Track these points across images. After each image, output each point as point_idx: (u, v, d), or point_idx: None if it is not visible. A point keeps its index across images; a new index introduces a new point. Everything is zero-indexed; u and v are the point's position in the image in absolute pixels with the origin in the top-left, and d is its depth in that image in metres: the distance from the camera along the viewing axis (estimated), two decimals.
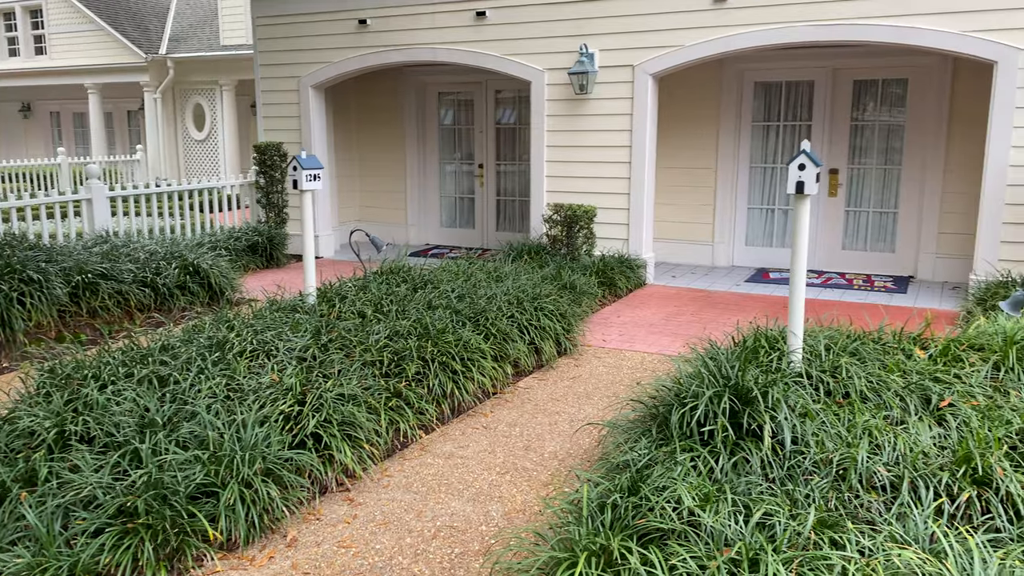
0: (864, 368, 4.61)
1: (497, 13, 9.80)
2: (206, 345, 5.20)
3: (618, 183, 9.46)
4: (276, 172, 11.03)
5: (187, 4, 20.59)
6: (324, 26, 10.93)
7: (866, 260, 9.89)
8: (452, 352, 5.46)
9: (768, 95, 10.12)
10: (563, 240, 9.36)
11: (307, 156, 6.61)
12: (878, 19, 8.01)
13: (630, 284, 9.09)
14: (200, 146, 19.77)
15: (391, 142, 12.44)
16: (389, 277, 7.30)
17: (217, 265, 8.33)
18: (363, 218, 12.86)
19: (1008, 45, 7.53)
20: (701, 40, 8.81)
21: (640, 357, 6.58)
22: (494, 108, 11.84)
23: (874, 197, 9.78)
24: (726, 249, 10.47)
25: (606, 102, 9.38)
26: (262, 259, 10.51)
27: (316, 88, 11.17)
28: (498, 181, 12.06)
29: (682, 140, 10.44)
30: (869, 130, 9.69)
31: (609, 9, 9.20)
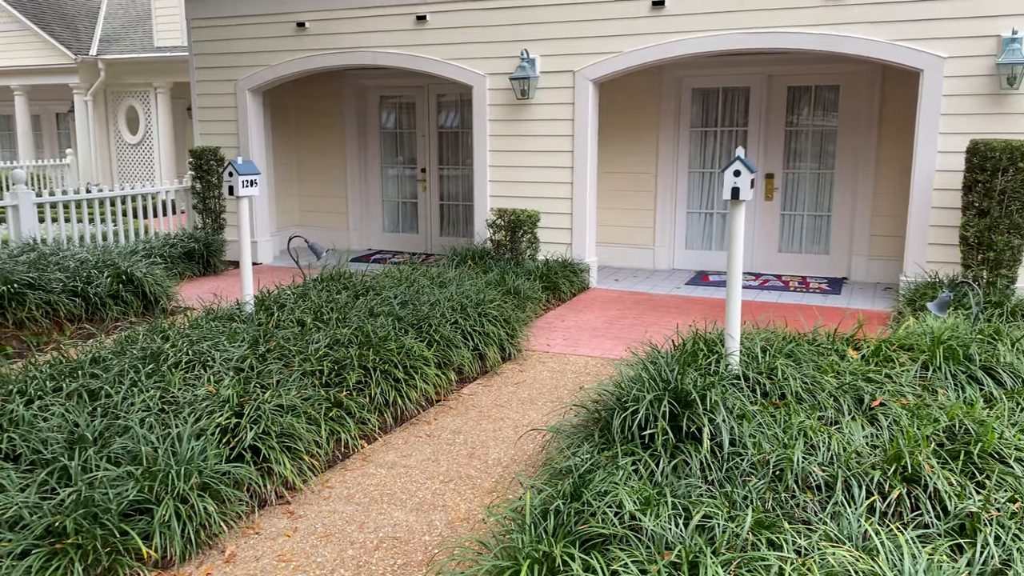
0: (799, 369, 4.71)
1: (437, 18, 9.78)
2: (140, 357, 5.06)
3: (561, 188, 9.51)
4: (213, 177, 10.81)
5: (119, 5, 20.05)
6: (261, 28, 10.75)
7: (802, 262, 10.14)
8: (394, 360, 5.41)
9: (706, 101, 10.30)
10: (507, 245, 9.37)
11: (243, 161, 6.49)
12: (810, 27, 8.22)
13: (574, 288, 9.14)
14: (134, 150, 19.26)
15: (332, 146, 12.30)
16: (330, 284, 7.20)
17: (152, 273, 8.12)
18: (303, 223, 12.68)
19: (933, 54, 7.80)
20: (639, 47, 8.92)
21: (584, 361, 6.62)
22: (436, 112, 11.81)
23: (809, 201, 10.03)
24: (667, 252, 10.61)
25: (548, 107, 9.43)
26: (199, 266, 10.28)
27: (254, 92, 10.98)
28: (441, 185, 12.02)
29: (623, 146, 10.56)
30: (803, 135, 9.94)
31: (549, 15, 9.25)
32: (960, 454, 3.71)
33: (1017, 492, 3.44)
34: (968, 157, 7.29)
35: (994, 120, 7.67)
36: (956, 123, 7.80)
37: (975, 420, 3.97)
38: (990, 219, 7.15)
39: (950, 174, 7.88)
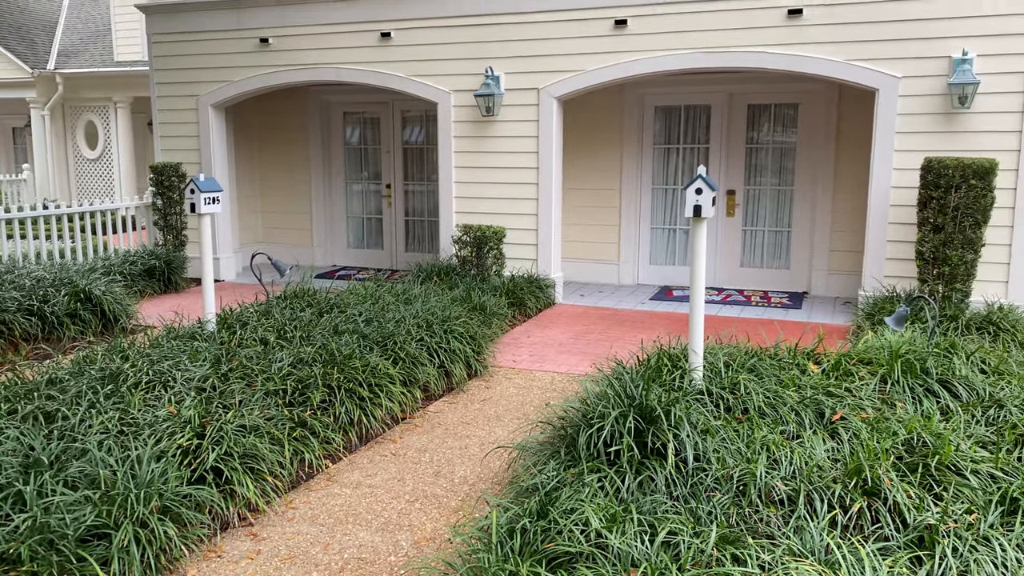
0: (761, 384, 4.77)
1: (402, 35, 9.79)
2: (98, 377, 4.96)
3: (526, 204, 9.55)
4: (174, 193, 10.67)
5: (78, 18, 19.77)
6: (224, 44, 10.67)
7: (763, 277, 10.28)
8: (359, 378, 5.37)
9: (668, 118, 10.43)
10: (473, 261, 9.37)
11: (205, 178, 6.42)
12: (769, 48, 8.38)
13: (540, 304, 9.17)
14: (93, 165, 18.95)
15: (295, 162, 12.22)
16: (293, 301, 7.14)
17: (111, 291, 7.98)
18: (266, 239, 12.56)
19: (888, 74, 8.00)
20: (602, 65, 9.01)
21: (550, 377, 6.63)
22: (402, 128, 11.80)
23: (770, 216, 10.19)
24: (631, 268, 10.70)
25: (513, 124, 9.48)
26: (159, 284, 10.12)
27: (216, 107, 10.88)
28: (407, 201, 12.00)
29: (588, 162, 10.64)
30: (764, 152, 10.10)
31: (513, 33, 9.32)
32: (918, 467, 3.78)
33: (973, 504, 3.52)
34: (923, 174, 7.47)
35: (947, 138, 7.87)
36: (911, 141, 8.00)
37: (932, 433, 4.05)
38: (945, 235, 7.33)
39: (906, 190, 8.06)
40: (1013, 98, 7.62)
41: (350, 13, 9.96)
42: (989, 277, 7.83)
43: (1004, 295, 7.83)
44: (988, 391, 4.77)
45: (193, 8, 10.71)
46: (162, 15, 10.92)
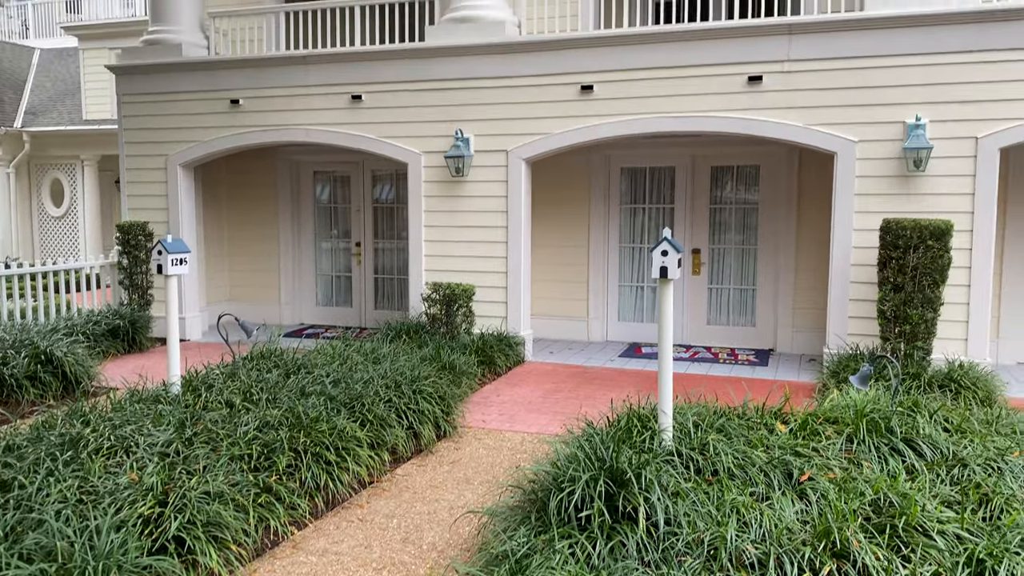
0: (731, 444, 4.79)
1: (373, 97, 9.93)
2: (57, 443, 4.84)
3: (496, 262, 9.61)
4: (141, 252, 10.58)
5: (47, 77, 19.78)
6: (195, 105, 10.73)
7: (730, 334, 10.39)
8: (326, 442, 5.30)
9: (634, 179, 10.63)
10: (442, 319, 9.37)
11: (173, 240, 6.39)
12: (730, 112, 8.63)
13: (509, 362, 9.16)
14: (58, 223, 18.75)
15: (264, 220, 12.21)
16: (260, 362, 7.06)
17: (73, 352, 7.83)
18: (234, 298, 12.46)
19: (845, 138, 8.26)
20: (569, 128, 9.20)
21: (520, 437, 6.60)
22: (372, 186, 11.88)
23: (735, 275, 10.35)
24: (600, 325, 10.76)
25: (482, 184, 9.59)
26: (123, 344, 9.96)
27: (185, 167, 10.89)
28: (376, 259, 12.01)
29: (557, 220, 10.77)
30: (727, 212, 10.31)
31: (483, 97, 9.49)
32: (886, 528, 3.81)
33: (941, 565, 3.54)
34: (882, 235, 7.66)
35: (905, 200, 8.11)
36: (870, 202, 8.22)
37: (899, 493, 4.08)
38: (905, 294, 7.49)
39: (866, 250, 8.26)
40: (965, 162, 7.90)
41: (322, 76, 10.10)
42: (949, 335, 8.00)
43: (964, 352, 7.99)
44: (952, 450, 4.84)
45: (164, 69, 10.78)
46: (132, 76, 10.97)
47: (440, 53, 9.57)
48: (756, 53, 8.49)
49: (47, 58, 20.34)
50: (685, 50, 8.72)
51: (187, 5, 10.86)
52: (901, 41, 8.01)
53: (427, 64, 9.66)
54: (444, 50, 9.53)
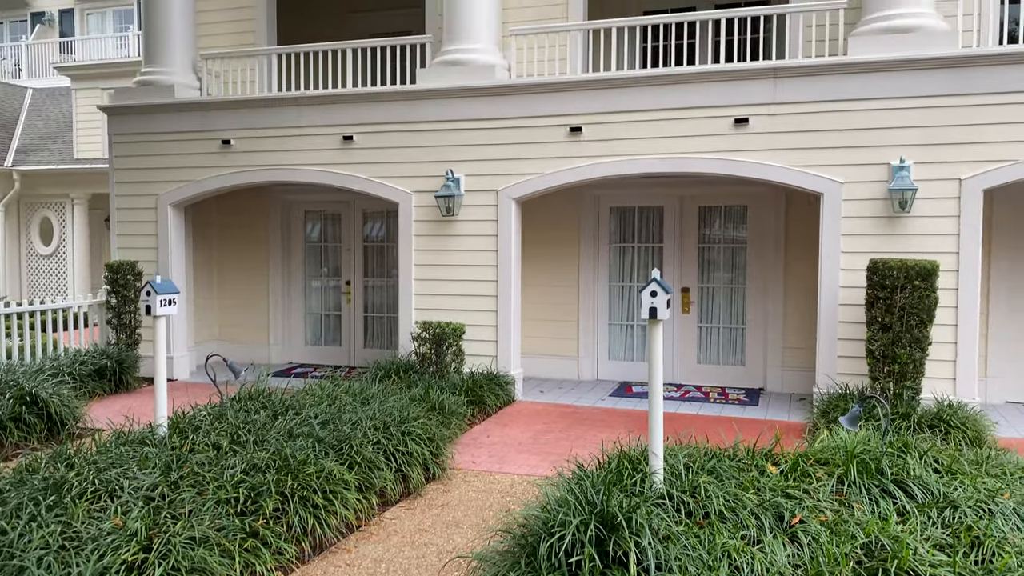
0: (722, 487, 4.76)
1: (364, 138, 10.01)
2: (41, 487, 4.78)
3: (486, 301, 9.62)
4: (130, 292, 10.55)
5: (39, 116, 19.86)
6: (186, 145, 10.79)
7: (720, 373, 10.39)
8: (313, 485, 5.25)
9: (623, 218, 10.71)
10: (432, 358, 9.34)
11: (162, 280, 6.38)
12: (717, 153, 8.73)
13: (499, 401, 9.12)
14: (46, 261, 18.69)
15: (254, 259, 12.21)
16: (248, 403, 7.01)
17: (59, 393, 7.76)
18: (222, 337, 12.40)
19: (831, 179, 8.36)
20: (559, 169, 9.29)
21: (510, 480, 6.54)
22: (362, 224, 11.91)
23: (724, 314, 10.38)
24: (591, 364, 10.75)
25: (473, 224, 9.64)
26: (110, 384, 9.87)
27: (175, 206, 10.90)
28: (366, 297, 12.00)
29: (546, 259, 10.81)
30: (716, 251, 10.38)
31: (472, 138, 9.58)
32: (878, 572, 3.78)
33: None
34: (869, 275, 7.72)
35: (891, 240, 8.19)
36: (856, 243, 8.30)
37: (890, 536, 4.07)
38: (893, 334, 7.53)
39: (854, 290, 8.31)
40: (950, 203, 8.00)
41: (313, 117, 10.18)
42: (937, 374, 8.02)
43: (952, 392, 8.01)
44: (942, 492, 4.82)
45: (156, 110, 10.85)
46: (124, 116, 11.03)
47: (431, 95, 9.67)
48: (742, 96, 8.62)
49: (39, 98, 20.45)
50: (672, 93, 8.85)
51: (180, 47, 10.97)
52: (884, 85, 8.15)
53: (418, 106, 9.76)
54: (435, 92, 9.64)
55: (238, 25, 11.86)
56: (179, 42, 10.95)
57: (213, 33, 11.96)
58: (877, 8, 8.25)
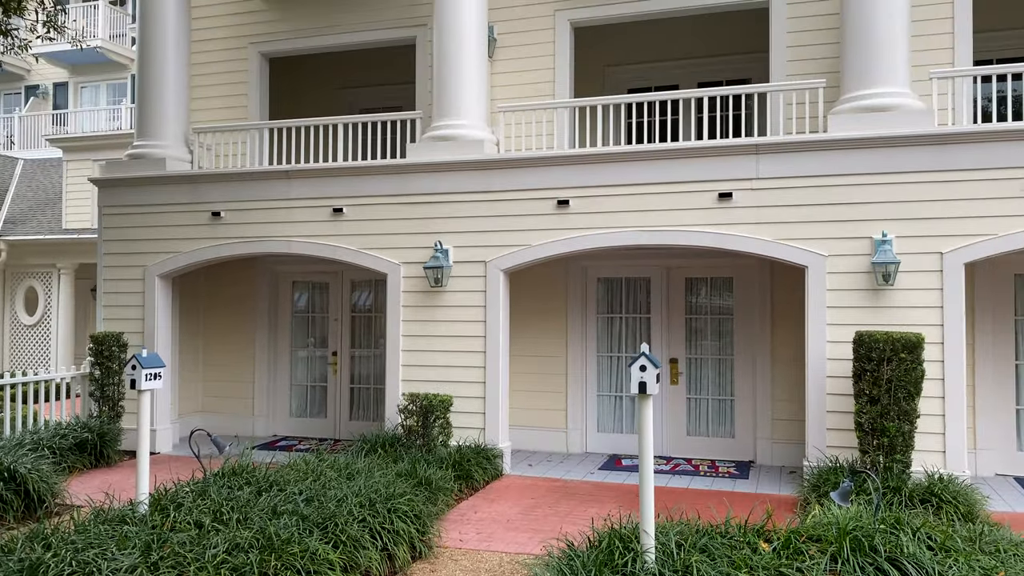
0: (714, 566, 4.69)
1: (354, 210, 10.11)
2: (16, 569, 4.65)
3: (474, 372, 9.58)
4: (114, 363, 10.44)
5: (28, 187, 19.97)
6: (176, 217, 10.85)
7: (710, 445, 10.32)
8: (298, 565, 5.12)
9: (610, 290, 10.78)
10: (419, 431, 9.24)
11: (148, 354, 6.34)
12: (702, 226, 8.86)
13: (487, 475, 9.00)
14: (30, 331, 18.53)
15: (241, 329, 12.15)
16: (231, 479, 6.88)
17: (38, 469, 7.60)
18: (206, 409, 12.24)
19: (815, 252, 8.48)
20: (547, 240, 9.38)
21: (498, 558, 6.41)
22: (350, 295, 11.92)
23: (712, 385, 10.37)
24: (579, 436, 10.66)
25: (461, 294, 9.67)
26: (91, 458, 9.69)
27: (163, 277, 10.90)
28: (352, 367, 11.93)
29: (534, 329, 10.82)
30: (703, 322, 10.43)
31: (462, 211, 9.70)
32: None
33: None
34: (855, 347, 7.76)
35: (876, 313, 8.26)
36: (842, 315, 8.37)
37: None
38: (881, 406, 7.53)
39: (841, 362, 8.34)
40: (932, 276, 8.11)
41: (304, 189, 10.30)
42: (927, 447, 8.01)
43: (943, 464, 7.98)
44: (937, 570, 4.76)
45: (147, 182, 10.95)
46: (115, 188, 11.11)
47: (421, 169, 9.82)
48: (726, 171, 8.80)
49: (30, 168, 20.59)
50: (657, 168, 9.02)
51: (173, 121, 11.13)
52: (864, 161, 8.35)
53: (408, 179, 9.89)
54: (425, 166, 9.79)
55: (231, 100, 12.09)
56: (172, 116, 11.12)
57: (206, 108, 12.18)
58: (855, 87, 8.51)
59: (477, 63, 9.86)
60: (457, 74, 9.79)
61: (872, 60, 8.39)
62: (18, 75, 25.27)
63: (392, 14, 11.43)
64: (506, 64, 10.82)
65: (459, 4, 9.80)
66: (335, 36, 11.70)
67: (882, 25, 8.35)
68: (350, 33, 11.62)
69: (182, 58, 11.22)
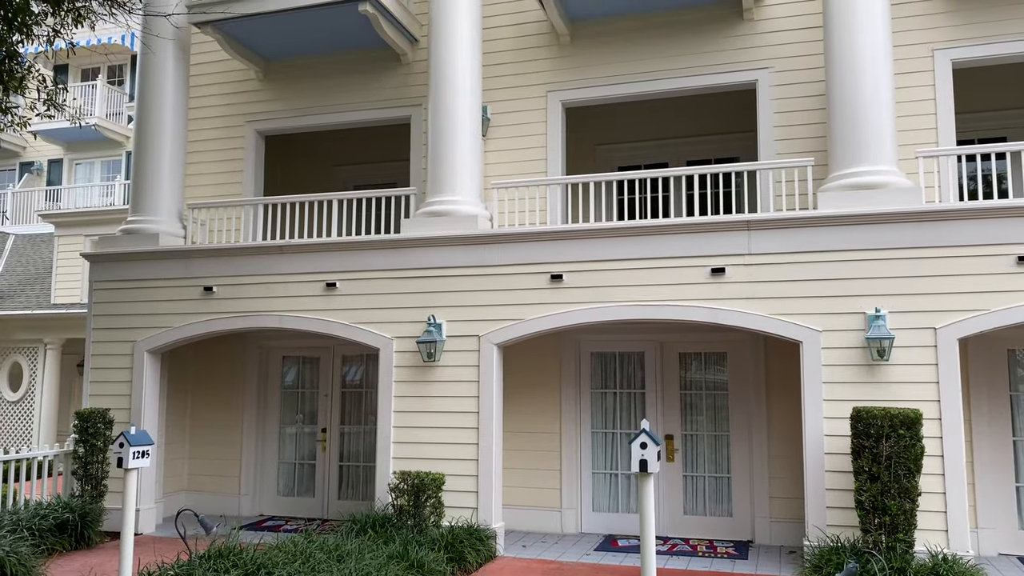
0: None
1: (347, 285, 10.10)
2: None
3: (467, 449, 9.43)
4: (99, 441, 10.21)
5: (19, 261, 19.92)
6: (167, 292, 10.80)
7: (707, 525, 10.11)
8: None
9: (604, 364, 10.72)
10: (410, 511, 9.02)
11: (136, 431, 6.21)
12: (695, 301, 8.88)
13: (480, 557, 8.75)
14: (13, 407, 18.20)
15: (229, 406, 11.97)
16: (218, 561, 6.65)
17: (16, 552, 7.34)
18: (191, 487, 11.95)
19: (809, 328, 8.49)
20: (540, 315, 9.37)
21: None
22: (340, 369, 11.80)
23: (709, 462, 10.23)
24: (574, 515, 10.43)
25: (454, 369, 9.59)
26: (71, 539, 9.38)
27: (152, 353, 10.78)
28: (342, 444, 11.72)
29: (528, 405, 10.71)
30: (698, 398, 10.35)
31: (455, 285, 9.70)
32: None
33: None
34: (853, 424, 7.70)
35: (872, 388, 8.22)
36: (838, 391, 8.32)
37: None
38: (881, 484, 7.42)
39: (839, 439, 8.26)
40: (927, 351, 8.12)
41: (297, 264, 10.30)
42: (930, 526, 7.86)
43: (946, 544, 7.82)
44: None
45: (138, 257, 10.94)
46: (106, 263, 11.09)
47: (415, 244, 9.86)
48: (718, 247, 8.87)
49: (20, 243, 20.59)
50: (650, 243, 9.09)
51: (167, 196, 11.19)
52: (854, 237, 8.44)
53: (402, 254, 9.92)
54: (419, 241, 9.83)
55: (226, 176, 12.21)
56: (167, 191, 11.18)
57: (201, 184, 12.29)
58: (843, 166, 8.67)
59: (471, 141, 10.02)
60: (451, 152, 9.93)
61: (859, 138, 8.58)
62: (13, 152, 25.52)
63: (387, 94, 11.67)
64: (500, 142, 11.01)
65: (454, 86, 10.02)
66: (331, 115, 11.91)
67: (868, 105, 8.57)
68: (346, 112, 11.83)
69: (179, 135, 11.36)
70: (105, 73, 25.24)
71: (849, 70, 8.67)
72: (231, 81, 12.46)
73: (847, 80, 8.67)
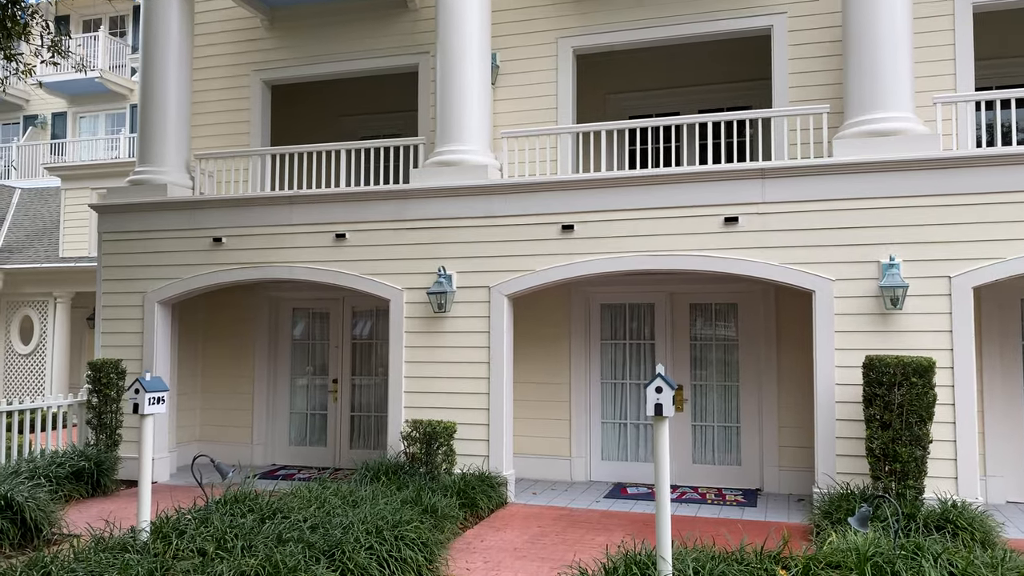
0: None
1: (356, 236, 10.05)
2: None
3: (478, 398, 9.47)
4: (112, 391, 10.29)
5: (26, 215, 19.90)
6: (176, 243, 10.78)
7: (716, 473, 10.19)
8: None
9: (614, 316, 10.71)
10: (422, 458, 9.10)
11: (151, 378, 6.23)
12: (707, 251, 8.82)
13: (492, 504, 8.84)
14: (25, 360, 18.35)
15: (240, 357, 12.03)
16: (234, 506, 6.74)
17: (35, 497, 7.44)
18: (204, 438, 12.07)
19: (822, 277, 8.43)
20: (551, 266, 9.33)
21: None
22: (351, 322, 11.83)
23: (718, 412, 10.27)
24: (583, 464, 10.52)
25: (464, 320, 9.59)
26: (87, 487, 9.51)
27: (163, 304, 10.80)
28: (353, 395, 11.79)
29: (538, 356, 10.73)
30: (708, 348, 10.35)
31: (465, 235, 9.65)
32: None
33: None
34: (865, 372, 7.69)
35: (885, 337, 8.20)
36: (850, 340, 8.30)
37: None
38: (893, 431, 7.44)
39: (850, 387, 8.26)
40: (941, 300, 8.07)
41: (306, 215, 10.25)
42: (939, 473, 7.90)
43: (955, 491, 7.87)
44: None
45: (146, 208, 10.89)
46: (114, 214, 11.05)
47: (424, 194, 9.79)
48: (731, 195, 8.78)
49: (27, 197, 20.54)
50: (663, 192, 9.00)
51: (174, 147, 11.10)
52: (870, 185, 8.34)
53: (411, 204, 9.86)
54: (428, 191, 9.76)
55: (233, 127, 12.09)
56: (174, 142, 11.08)
57: (208, 135, 12.17)
58: (859, 112, 8.53)
59: (480, 89, 9.88)
60: (460, 100, 9.80)
61: (876, 85, 8.42)
62: (17, 105, 25.33)
63: (394, 42, 11.49)
64: (509, 91, 10.86)
65: (463, 32, 9.85)
66: (338, 63, 11.75)
67: (885, 50, 8.40)
68: (353, 60, 11.67)
69: (184, 84, 11.22)
70: (107, 24, 24.90)
71: (866, 13, 8.48)
72: (236, 30, 12.27)
73: (864, 24, 8.48)
